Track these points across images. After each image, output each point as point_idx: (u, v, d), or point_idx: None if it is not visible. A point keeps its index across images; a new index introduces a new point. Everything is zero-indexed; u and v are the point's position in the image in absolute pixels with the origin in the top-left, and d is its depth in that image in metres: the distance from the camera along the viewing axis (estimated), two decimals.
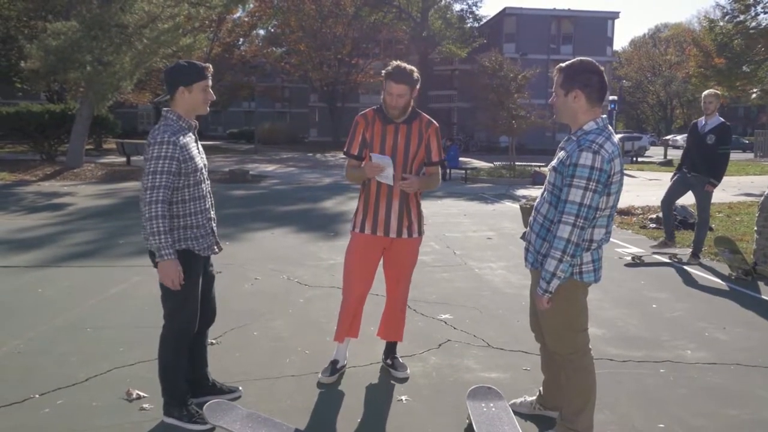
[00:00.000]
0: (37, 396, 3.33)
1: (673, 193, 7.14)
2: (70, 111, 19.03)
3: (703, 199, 6.86)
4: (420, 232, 3.66)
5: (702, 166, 6.77)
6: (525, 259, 2.87)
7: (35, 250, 7.07)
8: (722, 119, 6.78)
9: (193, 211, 2.97)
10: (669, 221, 7.28)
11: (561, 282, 2.63)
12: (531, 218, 2.87)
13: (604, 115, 2.70)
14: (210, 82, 3.00)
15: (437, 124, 3.63)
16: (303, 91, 53.47)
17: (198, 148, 3.05)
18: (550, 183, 2.72)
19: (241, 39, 41.55)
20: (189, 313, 3.03)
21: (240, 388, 3.44)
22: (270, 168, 21.81)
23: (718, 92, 6.99)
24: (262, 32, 43.71)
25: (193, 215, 2.97)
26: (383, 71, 3.46)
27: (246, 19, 40.11)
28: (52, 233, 8.21)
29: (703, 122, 6.83)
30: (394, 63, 3.48)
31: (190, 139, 2.95)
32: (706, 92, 6.89)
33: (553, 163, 2.73)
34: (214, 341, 4.19)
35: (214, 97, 3.07)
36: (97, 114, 19.80)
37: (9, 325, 4.46)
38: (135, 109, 51.26)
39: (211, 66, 3.01)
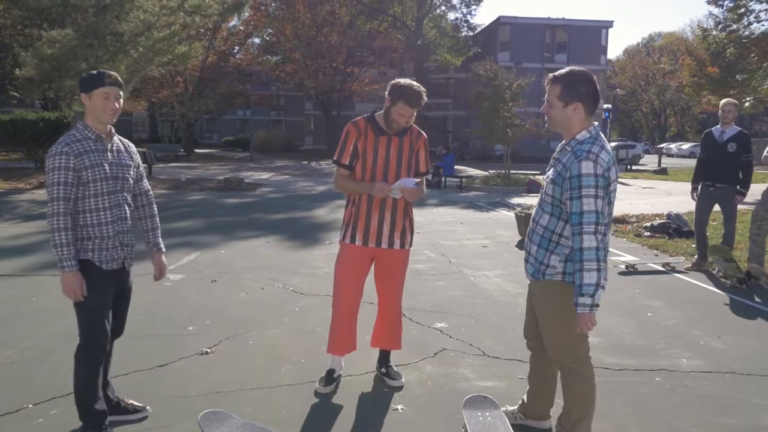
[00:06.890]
0: (30, 406, 3.31)
1: (703, 211, 6.88)
2: (65, 119, 18.98)
3: (733, 211, 6.71)
4: (411, 243, 3.67)
5: (727, 176, 6.61)
6: (526, 270, 2.86)
7: (29, 258, 7.04)
8: (739, 128, 6.70)
9: (93, 222, 2.85)
10: (703, 242, 6.93)
11: (603, 291, 2.56)
12: (529, 229, 2.85)
13: (596, 122, 2.71)
14: (113, 91, 2.83)
15: (426, 136, 3.65)
16: (298, 99, 53.54)
17: (117, 159, 2.93)
18: (549, 195, 2.70)
19: (237, 47, 41.60)
20: (94, 326, 2.87)
21: (147, 407, 3.24)
22: (265, 176, 21.81)
23: (737, 102, 6.79)
24: (257, 40, 43.82)
25: (95, 227, 2.85)
26: (392, 84, 3.40)
27: (241, 28, 40.17)
28: (47, 241, 8.17)
29: (720, 131, 6.69)
30: (406, 82, 3.41)
31: (91, 149, 2.84)
32: (724, 101, 6.66)
33: (550, 175, 2.71)
34: (209, 350, 4.18)
35: (117, 107, 2.87)
36: None
37: (2, 334, 4.43)
38: (130, 117, 51.28)
39: (114, 75, 2.86)
